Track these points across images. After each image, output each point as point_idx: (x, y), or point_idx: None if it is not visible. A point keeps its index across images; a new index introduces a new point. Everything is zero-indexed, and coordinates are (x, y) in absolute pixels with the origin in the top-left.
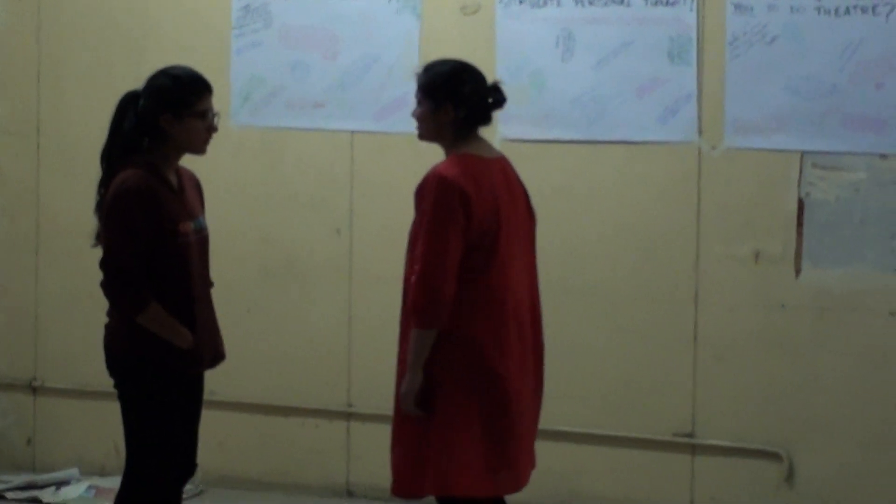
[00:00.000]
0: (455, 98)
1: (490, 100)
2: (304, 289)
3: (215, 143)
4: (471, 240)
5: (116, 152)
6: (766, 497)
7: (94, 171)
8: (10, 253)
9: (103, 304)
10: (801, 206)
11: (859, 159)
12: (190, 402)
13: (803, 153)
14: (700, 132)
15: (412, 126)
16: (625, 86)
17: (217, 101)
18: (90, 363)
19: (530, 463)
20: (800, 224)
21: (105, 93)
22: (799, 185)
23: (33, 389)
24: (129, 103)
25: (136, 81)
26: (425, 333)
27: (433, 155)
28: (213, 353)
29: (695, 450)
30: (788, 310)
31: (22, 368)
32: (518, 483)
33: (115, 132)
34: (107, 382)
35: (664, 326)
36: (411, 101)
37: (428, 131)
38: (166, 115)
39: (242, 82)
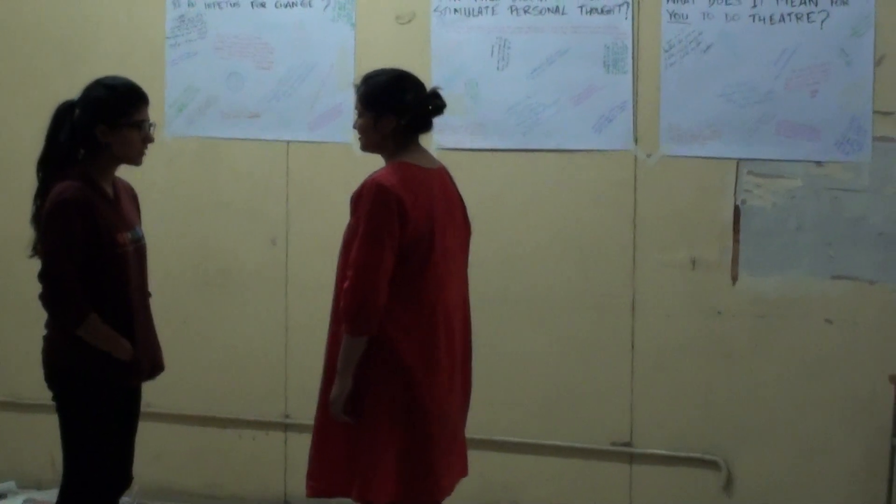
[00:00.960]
0: (397, 107)
1: (430, 107)
2: (240, 298)
3: (151, 153)
4: (404, 248)
5: (52, 163)
6: None
7: (28, 182)
8: None
9: (39, 315)
10: (737, 213)
11: (795, 166)
12: (127, 414)
13: (739, 160)
14: (636, 140)
15: (347, 135)
16: (560, 94)
17: (152, 112)
18: (26, 375)
19: (456, 472)
20: (736, 231)
21: (39, 103)
22: (735, 193)
23: None
24: (64, 113)
25: (71, 91)
26: (356, 340)
27: (368, 164)
28: (152, 364)
29: (633, 458)
30: (725, 317)
31: None
32: (438, 492)
33: (51, 142)
34: (43, 395)
35: (601, 334)
36: (346, 111)
37: (370, 142)
38: (102, 126)
39: (177, 92)
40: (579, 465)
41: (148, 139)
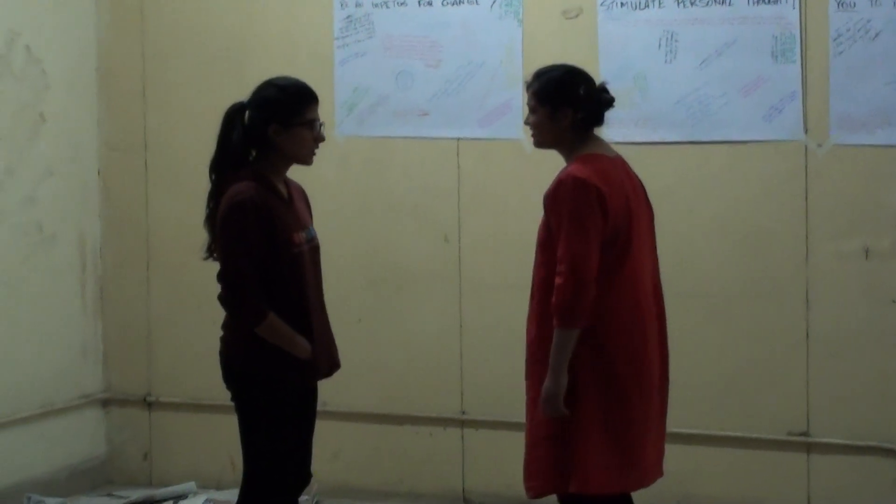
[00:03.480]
0: (572, 101)
1: (601, 101)
2: (413, 297)
3: (322, 153)
4: (606, 238)
5: (225, 164)
6: (883, 494)
7: (202, 185)
8: (120, 268)
9: (215, 316)
10: None
11: None
12: (305, 413)
13: None
14: (806, 130)
15: (518, 132)
16: (729, 85)
17: (322, 112)
18: (204, 376)
19: (658, 460)
20: None
21: (209, 106)
22: None
23: (148, 404)
24: (235, 114)
25: (240, 94)
26: (570, 333)
27: (540, 160)
28: (330, 363)
29: (810, 448)
30: None
31: (136, 384)
32: (645, 479)
33: (223, 144)
34: (221, 396)
35: (776, 324)
36: (515, 107)
37: (545, 138)
38: (274, 125)
39: (347, 93)
40: (756, 455)
41: (319, 138)
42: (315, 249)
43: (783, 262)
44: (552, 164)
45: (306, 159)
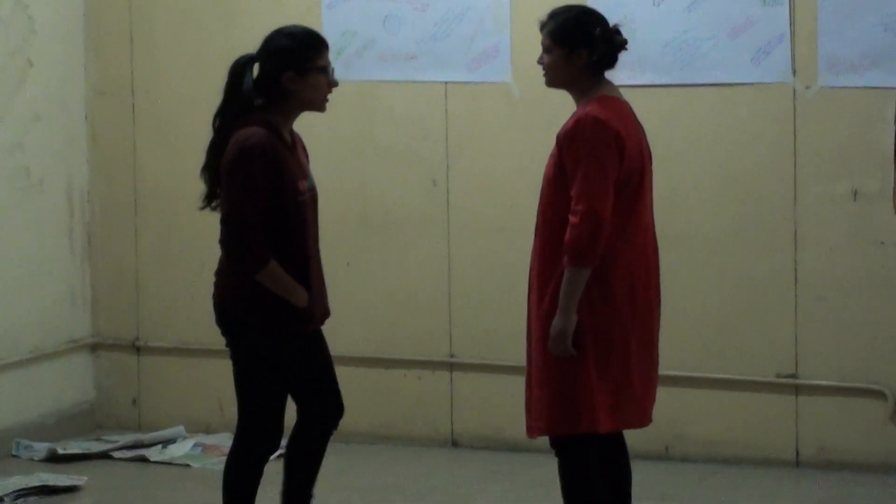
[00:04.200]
0: (588, 42)
1: (615, 43)
2: (402, 241)
3: None
4: (621, 180)
5: (230, 114)
6: (871, 436)
7: (189, 129)
8: (108, 214)
9: (203, 260)
10: None
11: None
12: (312, 358)
13: None
14: (794, 72)
15: (506, 76)
16: (717, 28)
17: None
18: (192, 321)
19: (653, 400)
20: None
21: (197, 50)
22: (895, 122)
23: (137, 349)
24: (244, 66)
25: (227, 40)
26: (582, 272)
27: (528, 104)
28: (323, 311)
29: (798, 390)
30: (888, 247)
31: (125, 329)
32: (643, 419)
33: (230, 95)
34: (209, 340)
35: (764, 268)
36: (504, 51)
37: (558, 78)
38: (289, 73)
39: (335, 37)
40: (744, 397)
41: (333, 83)
42: (314, 198)
43: (771, 205)
44: (540, 107)
45: (321, 106)
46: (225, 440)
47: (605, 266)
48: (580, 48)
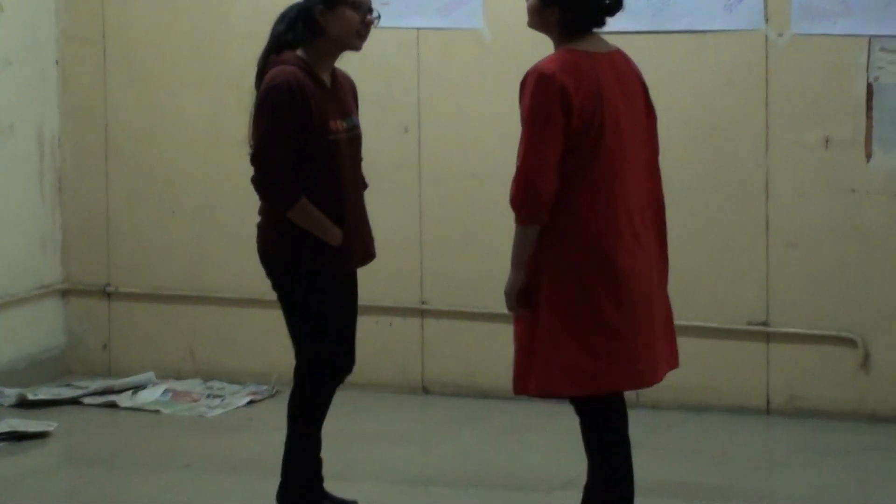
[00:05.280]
0: (562, 1)
1: (607, 2)
2: (373, 188)
3: None
4: (572, 136)
5: (271, 53)
6: (842, 383)
7: (161, 75)
8: (79, 159)
9: (173, 206)
10: (870, 90)
11: None
12: (345, 299)
13: (871, 37)
14: (766, 19)
15: (477, 21)
16: None
17: (281, 4)
18: (163, 267)
19: (663, 358)
20: (869, 108)
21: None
22: (868, 70)
23: (107, 295)
24: (288, 11)
25: None
26: (526, 230)
27: (499, 50)
28: (364, 252)
29: (769, 338)
30: (859, 194)
31: (95, 274)
32: (641, 378)
33: (272, 36)
34: (180, 286)
35: (735, 215)
36: None
37: (534, 24)
38: (319, 6)
39: None
40: (716, 345)
41: (368, 22)
42: (355, 138)
43: (743, 153)
44: (511, 53)
45: (353, 42)
46: (195, 386)
47: (560, 222)
48: (553, 5)
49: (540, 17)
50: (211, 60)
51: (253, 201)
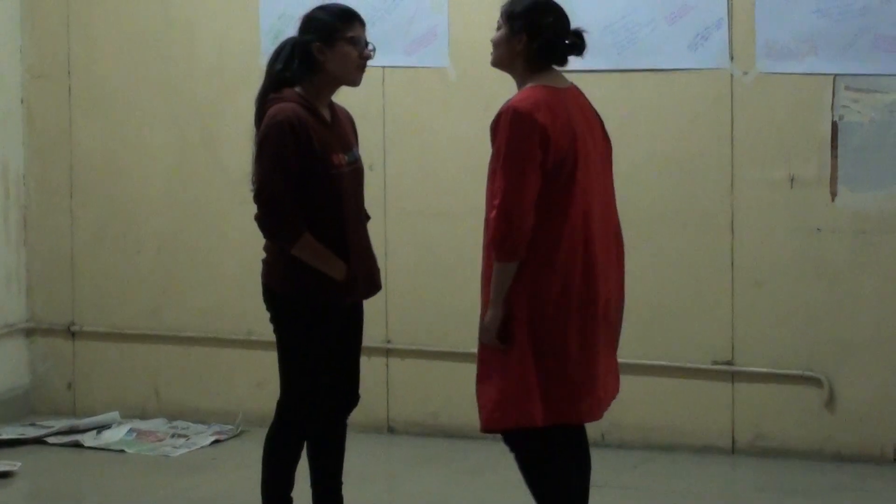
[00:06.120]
0: (531, 29)
1: (568, 42)
2: None
3: (245, 83)
4: (548, 171)
5: (268, 91)
6: (807, 422)
7: (126, 113)
8: (44, 196)
9: (139, 246)
10: (835, 129)
11: (893, 80)
12: (348, 334)
13: (836, 76)
14: (732, 58)
15: (443, 59)
16: (656, 13)
17: (247, 40)
18: (128, 306)
19: (610, 391)
20: (834, 147)
21: (134, 33)
22: (832, 108)
23: (72, 334)
24: (283, 47)
25: (166, 22)
26: (506, 266)
27: (464, 88)
28: (369, 284)
29: (735, 377)
30: (825, 233)
31: (60, 313)
32: (598, 411)
33: (268, 73)
34: (145, 325)
35: (700, 253)
36: (441, 34)
37: (500, 58)
38: (317, 43)
39: (272, 20)
40: (681, 384)
41: (365, 56)
42: (357, 172)
43: (708, 191)
44: (477, 92)
45: (353, 77)
46: (160, 425)
47: (537, 259)
48: (521, 33)
49: (507, 47)
50: (176, 97)
51: (217, 239)
